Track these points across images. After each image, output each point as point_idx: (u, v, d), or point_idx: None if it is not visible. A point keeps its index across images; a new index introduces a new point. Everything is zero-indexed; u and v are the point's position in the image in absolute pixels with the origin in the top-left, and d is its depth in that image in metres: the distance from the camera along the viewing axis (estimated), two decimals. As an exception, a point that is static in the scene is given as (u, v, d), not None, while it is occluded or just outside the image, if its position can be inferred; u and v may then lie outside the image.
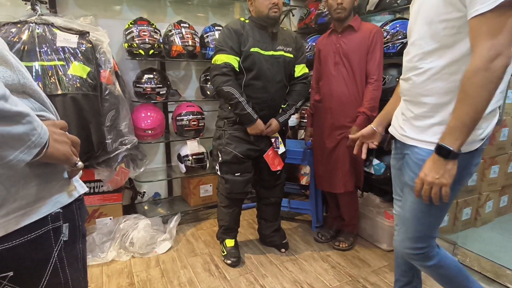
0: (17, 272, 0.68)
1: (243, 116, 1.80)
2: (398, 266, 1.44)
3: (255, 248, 2.23)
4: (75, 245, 0.79)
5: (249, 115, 1.80)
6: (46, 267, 0.72)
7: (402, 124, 1.20)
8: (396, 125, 1.26)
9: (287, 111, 1.95)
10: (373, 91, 1.96)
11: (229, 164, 1.90)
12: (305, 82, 2.01)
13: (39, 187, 0.69)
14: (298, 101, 1.98)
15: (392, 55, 2.10)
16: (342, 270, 1.99)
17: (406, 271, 1.41)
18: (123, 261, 2.05)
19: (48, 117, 0.71)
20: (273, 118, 1.91)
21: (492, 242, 2.07)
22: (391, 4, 2.14)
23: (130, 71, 2.45)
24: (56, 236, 0.73)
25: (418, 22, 1.11)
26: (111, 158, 2.08)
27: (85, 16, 2.15)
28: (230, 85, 1.75)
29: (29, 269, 0.70)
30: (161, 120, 2.37)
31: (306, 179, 2.98)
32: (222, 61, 1.76)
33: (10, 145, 0.56)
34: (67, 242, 0.76)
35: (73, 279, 0.79)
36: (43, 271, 0.72)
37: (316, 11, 2.63)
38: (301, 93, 1.99)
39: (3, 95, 0.54)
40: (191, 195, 2.60)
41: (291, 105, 1.95)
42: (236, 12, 2.85)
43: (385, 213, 2.16)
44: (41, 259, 0.71)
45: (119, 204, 2.32)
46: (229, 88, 1.75)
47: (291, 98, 1.96)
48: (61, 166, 0.74)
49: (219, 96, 1.86)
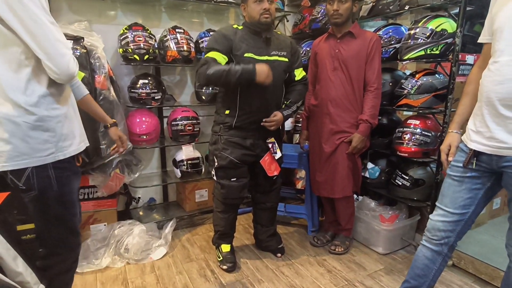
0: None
1: (241, 76, 1.65)
2: (413, 269, 1.45)
3: (251, 253, 2.22)
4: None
5: (244, 70, 1.65)
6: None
7: (500, 135, 1.15)
8: (484, 139, 1.20)
9: (290, 107, 1.94)
10: (374, 99, 1.98)
11: (225, 169, 1.90)
12: (306, 83, 2.04)
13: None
14: (299, 100, 1.98)
15: (385, 60, 2.13)
16: (338, 274, 1.99)
17: (420, 276, 1.42)
18: (118, 267, 2.02)
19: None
20: (278, 111, 1.90)
21: (486, 245, 2.08)
22: (384, 10, 2.17)
23: (125, 76, 2.45)
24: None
25: None
26: (106, 163, 2.07)
27: (79, 22, 2.15)
28: (212, 67, 1.67)
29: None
30: (156, 125, 2.37)
31: (302, 184, 2.99)
32: (208, 57, 1.73)
33: None
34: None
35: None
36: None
37: (310, 16, 2.65)
38: (301, 92, 2.00)
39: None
40: (187, 200, 2.59)
41: (293, 102, 1.95)
42: (231, 17, 2.86)
43: (380, 217, 2.17)
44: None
45: (113, 210, 2.30)
46: (212, 69, 1.66)
47: (293, 96, 1.96)
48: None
49: (209, 84, 1.77)
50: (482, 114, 1.21)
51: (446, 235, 1.34)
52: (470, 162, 1.25)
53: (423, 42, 1.89)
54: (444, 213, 1.34)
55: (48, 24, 1.03)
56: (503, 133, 1.14)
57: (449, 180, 1.34)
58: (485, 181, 1.27)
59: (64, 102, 1.17)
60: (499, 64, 1.15)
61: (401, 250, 2.24)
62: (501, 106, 1.13)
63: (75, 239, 1.28)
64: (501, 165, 1.17)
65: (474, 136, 1.24)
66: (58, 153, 1.14)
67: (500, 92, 1.13)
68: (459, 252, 1.98)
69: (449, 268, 2.01)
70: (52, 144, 1.13)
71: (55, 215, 1.19)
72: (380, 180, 2.26)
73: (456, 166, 1.31)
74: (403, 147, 2.02)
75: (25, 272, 1.19)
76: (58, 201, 1.18)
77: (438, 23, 1.87)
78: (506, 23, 1.13)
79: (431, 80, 1.96)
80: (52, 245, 1.24)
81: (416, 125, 2.02)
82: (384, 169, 2.26)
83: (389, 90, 2.15)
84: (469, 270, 1.94)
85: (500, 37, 1.16)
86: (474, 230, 2.29)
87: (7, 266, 1.14)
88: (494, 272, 1.82)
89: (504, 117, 1.13)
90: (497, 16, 1.17)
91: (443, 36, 1.86)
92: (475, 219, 1.36)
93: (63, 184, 1.18)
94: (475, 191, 1.28)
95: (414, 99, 1.98)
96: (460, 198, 1.30)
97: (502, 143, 1.14)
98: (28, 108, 1.07)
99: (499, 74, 1.14)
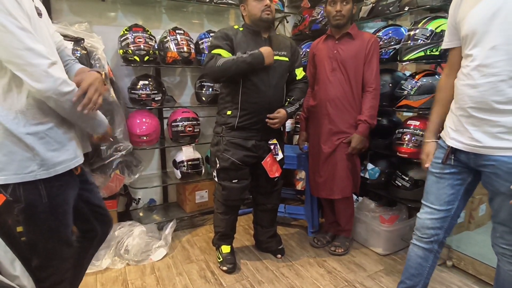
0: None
1: (249, 62, 1.70)
2: (408, 269, 1.46)
3: (251, 254, 2.22)
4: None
5: (252, 56, 1.70)
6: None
7: (476, 135, 1.18)
8: (461, 137, 1.23)
9: (293, 104, 1.94)
10: (372, 100, 1.99)
11: (227, 170, 1.90)
12: (306, 81, 2.04)
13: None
14: (301, 98, 1.98)
15: (385, 61, 2.13)
16: (338, 275, 1.99)
17: (415, 275, 1.44)
18: (118, 268, 2.02)
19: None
20: (281, 108, 1.89)
21: (486, 245, 2.07)
22: (384, 11, 2.18)
23: (125, 77, 2.45)
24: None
25: (501, 25, 1.08)
26: (106, 164, 2.06)
27: (80, 23, 2.16)
28: (220, 59, 1.71)
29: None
30: (156, 126, 2.37)
31: (302, 185, 2.99)
32: (214, 53, 1.75)
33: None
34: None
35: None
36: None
37: (310, 17, 2.66)
38: (303, 90, 2.00)
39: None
40: (187, 201, 2.59)
41: (296, 100, 1.95)
42: (231, 19, 2.87)
43: (380, 218, 2.18)
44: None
45: (114, 211, 2.30)
46: (220, 62, 1.70)
47: (295, 94, 1.96)
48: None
49: (219, 77, 1.77)
50: (457, 115, 1.24)
51: (435, 232, 1.37)
52: (448, 158, 1.29)
53: (423, 43, 1.89)
54: (431, 210, 1.36)
55: (14, 31, 0.90)
56: (479, 134, 1.17)
57: (431, 177, 1.37)
58: (465, 177, 1.30)
59: (48, 115, 1.05)
60: (470, 68, 1.17)
61: (401, 251, 2.24)
62: (475, 110, 1.17)
63: (68, 250, 1.19)
64: (479, 163, 1.20)
65: (453, 134, 1.27)
66: (41, 172, 1.03)
67: (473, 96, 1.16)
68: (459, 253, 1.98)
69: (449, 268, 2.01)
70: (35, 162, 1.02)
71: (47, 227, 1.10)
72: (380, 181, 2.26)
73: (436, 162, 1.34)
74: (403, 148, 2.02)
75: (22, 275, 1.16)
76: (49, 213, 1.08)
77: (438, 24, 1.87)
78: (477, 27, 1.14)
79: (431, 81, 1.96)
80: (44, 257, 1.15)
81: (416, 126, 2.02)
82: (384, 170, 2.26)
83: (389, 91, 2.15)
84: (469, 271, 1.94)
85: (471, 42, 1.17)
86: (474, 231, 2.29)
87: (5, 269, 1.12)
88: (493, 272, 1.81)
89: (479, 119, 1.16)
90: (465, 21, 1.18)
91: (443, 37, 1.85)
92: (460, 213, 1.39)
93: (56, 195, 1.09)
94: (457, 187, 1.31)
95: (414, 100, 1.98)
96: (444, 195, 1.33)
97: (479, 142, 1.17)
98: (6, 124, 0.98)
99: (471, 78, 1.17)
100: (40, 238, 1.10)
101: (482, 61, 1.13)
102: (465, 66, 1.21)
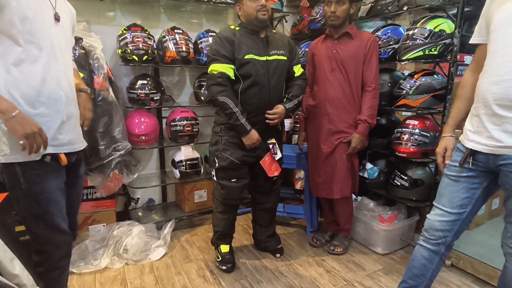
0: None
1: (236, 126, 1.80)
2: (411, 269, 1.45)
3: (250, 254, 2.22)
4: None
5: (242, 126, 1.79)
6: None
7: (496, 134, 1.16)
8: (481, 138, 1.22)
9: (292, 100, 1.93)
10: (372, 99, 1.99)
11: (226, 170, 1.90)
12: (305, 78, 2.03)
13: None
14: (300, 94, 1.97)
15: (384, 61, 2.13)
16: (337, 274, 1.99)
17: (417, 276, 1.43)
18: (117, 268, 2.02)
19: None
20: (280, 104, 1.89)
21: (485, 245, 2.09)
22: (383, 10, 2.18)
23: (123, 77, 2.45)
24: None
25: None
26: (105, 164, 2.06)
27: (78, 22, 2.14)
28: (225, 95, 1.75)
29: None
30: (155, 125, 2.37)
31: (301, 184, 2.99)
32: (217, 71, 1.76)
33: None
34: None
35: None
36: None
37: (309, 17, 2.65)
38: (302, 87, 1.99)
39: None
40: (186, 201, 2.59)
41: (294, 96, 1.94)
42: (230, 18, 2.87)
43: (379, 217, 2.18)
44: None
45: (112, 210, 2.30)
46: (223, 98, 1.75)
47: (294, 90, 1.95)
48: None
49: (214, 105, 1.86)
50: (478, 115, 1.22)
51: (444, 235, 1.35)
52: (466, 161, 1.26)
53: (422, 43, 1.89)
54: (442, 212, 1.34)
55: None
56: (499, 133, 1.15)
57: (446, 180, 1.35)
58: (482, 181, 1.27)
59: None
60: (495, 64, 1.16)
61: (400, 250, 2.24)
62: (497, 106, 1.15)
63: (60, 236, 1.24)
64: (498, 163, 1.18)
65: (472, 136, 1.24)
66: (14, 155, 1.10)
67: (496, 93, 1.15)
68: (458, 252, 1.98)
69: (447, 268, 2.02)
70: (6, 145, 1.09)
71: (30, 213, 1.17)
72: (379, 180, 2.26)
73: (453, 165, 1.32)
74: (402, 147, 2.02)
75: (21, 274, 1.18)
76: (30, 199, 1.15)
77: (437, 24, 1.87)
78: (502, 24, 1.14)
79: (429, 80, 1.97)
80: (37, 241, 1.22)
81: (415, 125, 2.02)
82: (383, 169, 2.26)
83: (388, 90, 2.15)
84: (468, 270, 1.95)
85: (495, 38, 1.17)
86: (473, 230, 2.30)
87: (4, 268, 1.13)
88: (492, 272, 1.82)
89: (500, 117, 1.14)
90: (494, 17, 1.18)
91: (442, 36, 1.86)
92: (472, 219, 1.36)
93: (34, 183, 1.14)
94: (472, 191, 1.29)
95: (413, 100, 1.98)
96: (457, 198, 1.31)
97: (499, 142, 1.15)
98: None
99: (495, 75, 1.15)
100: (28, 222, 1.21)
101: (507, 57, 1.13)
102: (489, 63, 1.19)
